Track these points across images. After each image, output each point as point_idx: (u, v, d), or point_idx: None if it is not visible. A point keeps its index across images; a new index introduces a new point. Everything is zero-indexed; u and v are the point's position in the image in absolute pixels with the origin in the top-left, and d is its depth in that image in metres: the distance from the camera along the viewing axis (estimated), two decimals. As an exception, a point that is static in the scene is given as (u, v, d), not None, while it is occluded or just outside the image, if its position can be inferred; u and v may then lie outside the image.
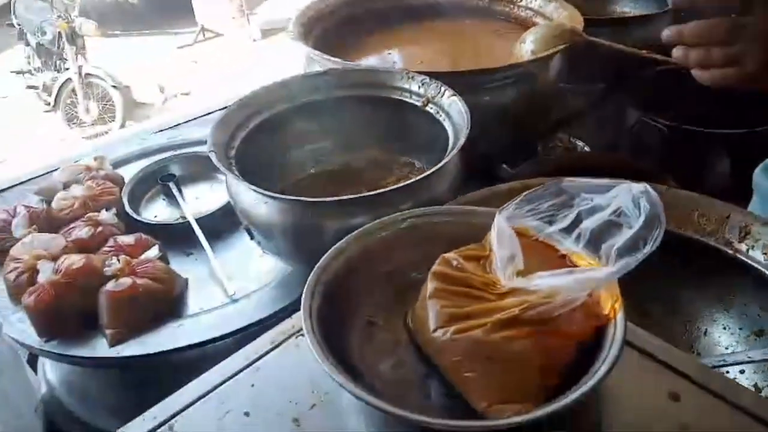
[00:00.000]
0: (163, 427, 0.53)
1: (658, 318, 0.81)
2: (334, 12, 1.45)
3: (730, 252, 0.83)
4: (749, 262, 0.81)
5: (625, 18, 1.65)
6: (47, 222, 1.12)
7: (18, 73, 5.07)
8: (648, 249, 0.45)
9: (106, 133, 4.60)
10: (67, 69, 4.65)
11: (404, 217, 0.62)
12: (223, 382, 0.56)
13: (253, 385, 0.55)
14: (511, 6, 1.50)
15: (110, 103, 4.74)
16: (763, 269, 0.80)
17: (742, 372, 0.77)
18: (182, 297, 1.02)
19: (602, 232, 0.49)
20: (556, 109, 1.47)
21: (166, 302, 0.99)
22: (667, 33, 0.90)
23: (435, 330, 0.49)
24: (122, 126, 4.71)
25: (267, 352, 0.59)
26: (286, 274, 1.02)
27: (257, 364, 0.58)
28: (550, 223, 0.52)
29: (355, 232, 0.60)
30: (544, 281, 0.47)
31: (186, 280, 1.04)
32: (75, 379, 1.15)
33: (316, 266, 0.56)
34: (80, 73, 4.58)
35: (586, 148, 1.56)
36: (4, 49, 5.91)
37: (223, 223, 1.15)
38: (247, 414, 0.54)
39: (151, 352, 0.92)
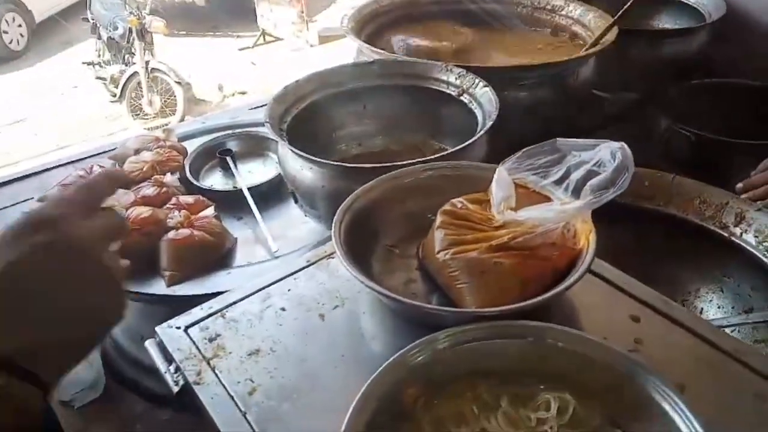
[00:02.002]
0: (217, 314, 0.65)
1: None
2: (386, 12, 1.58)
3: (726, 235, 0.90)
4: (743, 244, 0.89)
5: (661, 30, 1.71)
6: (119, 181, 1.26)
7: (89, 64, 5.37)
8: (615, 189, 0.55)
9: (166, 125, 4.84)
10: (134, 63, 4.90)
11: (424, 169, 0.73)
12: (266, 286, 0.69)
13: (289, 290, 0.66)
14: (553, 14, 1.59)
15: (172, 98, 4.98)
16: (754, 251, 0.87)
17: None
18: (231, 252, 1.14)
19: (585, 181, 0.58)
20: (589, 113, 1.55)
21: (217, 254, 1.11)
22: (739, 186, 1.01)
23: (438, 252, 0.60)
24: (181, 120, 4.94)
25: (303, 268, 0.71)
26: (325, 237, 1.13)
27: (295, 275, 0.70)
28: (545, 176, 0.62)
29: (381, 176, 0.72)
30: (528, 213, 0.57)
31: (235, 239, 1.17)
32: (130, 321, 1.29)
33: (346, 200, 0.67)
34: (146, 68, 4.83)
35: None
36: (77, 42, 6.29)
37: (271, 194, 1.28)
38: (283, 309, 0.66)
39: (202, 293, 1.04)
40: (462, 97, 1.16)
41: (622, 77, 1.55)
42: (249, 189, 1.27)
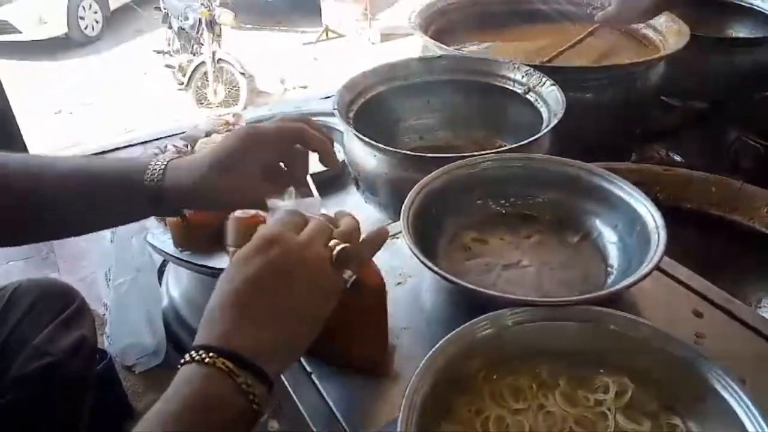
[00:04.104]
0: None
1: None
2: (452, 10, 1.59)
3: (794, 244, 0.89)
4: (810, 254, 0.87)
5: (735, 38, 1.67)
6: (189, 160, 1.33)
7: (159, 52, 5.57)
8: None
9: (228, 114, 4.95)
10: (202, 53, 5.05)
11: (485, 159, 0.76)
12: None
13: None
14: (623, 17, 1.57)
15: (236, 89, 5.10)
16: (821, 262, 0.85)
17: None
18: (293, 233, 1.18)
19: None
20: (655, 119, 1.53)
21: (279, 234, 1.15)
22: None
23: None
24: (243, 110, 5.06)
25: (368, 245, 0.73)
26: (384, 223, 1.15)
27: (360, 253, 0.73)
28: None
29: (453, 163, 0.74)
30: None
31: (297, 221, 1.21)
32: (193, 294, 1.35)
33: (416, 185, 0.70)
34: (213, 58, 4.96)
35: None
36: (149, 30, 6.52)
37: (332, 182, 1.32)
38: (348, 283, 0.68)
39: (264, 270, 1.08)
40: (528, 95, 1.16)
41: (692, 85, 1.52)
42: (311, 175, 1.30)
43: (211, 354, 0.47)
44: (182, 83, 5.17)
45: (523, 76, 1.18)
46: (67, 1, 6.41)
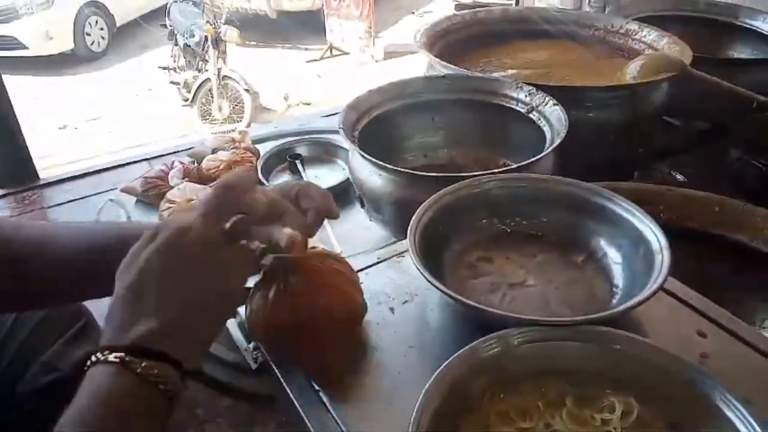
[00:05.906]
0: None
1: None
2: (457, 30, 1.61)
3: (796, 264, 0.89)
4: (813, 274, 0.87)
5: (737, 59, 1.68)
6: (197, 177, 1.34)
7: (164, 69, 5.62)
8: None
9: (233, 130, 4.98)
10: (207, 70, 5.11)
11: (490, 180, 0.77)
12: (339, 278, 0.72)
13: (361, 283, 0.69)
14: (626, 38, 1.59)
15: (240, 105, 5.14)
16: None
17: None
18: (299, 250, 1.19)
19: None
20: (657, 138, 1.54)
21: (285, 251, 1.16)
22: None
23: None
24: (247, 126, 5.09)
25: (374, 264, 0.75)
26: (389, 241, 1.16)
27: (366, 270, 0.74)
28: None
29: (450, 186, 0.75)
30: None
31: (302, 239, 1.21)
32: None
33: (422, 205, 0.71)
34: (218, 75, 5.01)
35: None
36: (155, 47, 6.59)
37: (336, 199, 1.32)
38: (354, 300, 0.69)
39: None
40: (531, 115, 1.18)
41: (694, 105, 1.53)
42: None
43: (110, 351, 0.48)
44: (187, 99, 5.21)
45: (526, 96, 1.20)
46: (74, 18, 6.49)
